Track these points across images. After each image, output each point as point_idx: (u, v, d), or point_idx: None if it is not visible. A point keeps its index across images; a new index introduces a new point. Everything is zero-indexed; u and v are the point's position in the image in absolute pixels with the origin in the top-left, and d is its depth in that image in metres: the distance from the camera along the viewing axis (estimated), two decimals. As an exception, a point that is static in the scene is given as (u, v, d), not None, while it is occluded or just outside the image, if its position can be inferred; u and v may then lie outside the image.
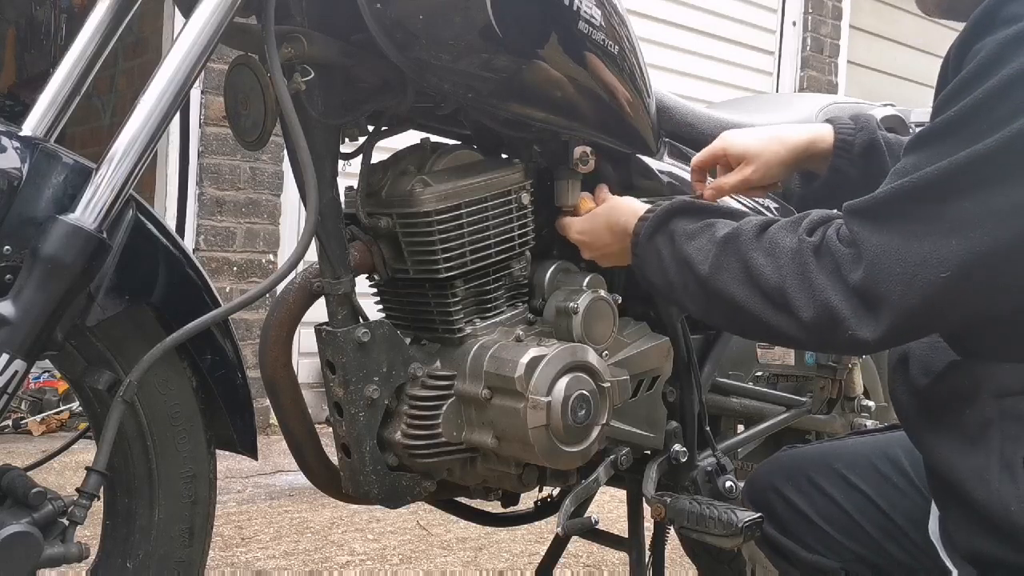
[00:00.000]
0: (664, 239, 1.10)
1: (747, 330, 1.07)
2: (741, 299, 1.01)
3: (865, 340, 0.92)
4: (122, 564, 1.15)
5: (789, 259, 0.98)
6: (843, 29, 5.89)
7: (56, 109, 1.20)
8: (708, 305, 1.06)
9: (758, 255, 1.00)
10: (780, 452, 1.33)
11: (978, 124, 0.86)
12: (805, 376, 1.71)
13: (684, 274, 1.07)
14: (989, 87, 0.85)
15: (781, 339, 1.02)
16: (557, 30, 1.15)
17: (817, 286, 0.94)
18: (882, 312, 0.90)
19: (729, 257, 1.03)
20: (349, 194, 1.23)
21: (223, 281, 3.66)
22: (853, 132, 1.28)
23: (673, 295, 1.10)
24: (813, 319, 0.95)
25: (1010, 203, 0.85)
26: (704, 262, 1.04)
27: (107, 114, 5.05)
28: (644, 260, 1.13)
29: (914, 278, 0.88)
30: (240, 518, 2.60)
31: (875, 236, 0.91)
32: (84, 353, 1.09)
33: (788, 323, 0.97)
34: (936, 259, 0.87)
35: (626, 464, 1.35)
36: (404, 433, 1.19)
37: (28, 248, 0.95)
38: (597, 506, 1.56)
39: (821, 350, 0.97)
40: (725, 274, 1.02)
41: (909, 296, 0.89)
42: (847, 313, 0.92)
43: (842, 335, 0.93)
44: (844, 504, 1.16)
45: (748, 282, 1.00)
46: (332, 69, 1.10)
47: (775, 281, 0.98)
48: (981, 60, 0.86)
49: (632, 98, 1.29)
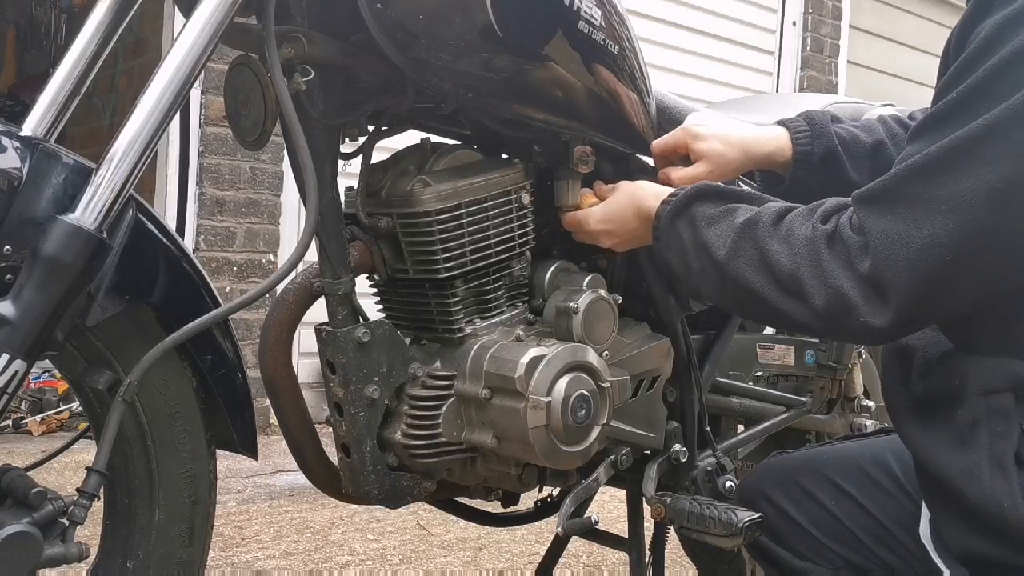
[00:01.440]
0: (685, 223, 1.11)
1: (760, 315, 1.09)
2: (756, 285, 1.02)
3: (877, 327, 0.93)
4: (122, 564, 1.15)
5: (803, 247, 0.99)
6: (843, 29, 5.89)
7: (56, 109, 1.19)
8: (723, 289, 1.07)
9: (774, 243, 1.02)
10: (770, 459, 1.33)
11: (978, 104, 0.86)
12: (805, 376, 1.70)
13: (702, 258, 1.08)
14: (989, 67, 0.86)
15: (794, 325, 1.03)
16: (557, 30, 1.15)
17: (829, 273, 0.96)
18: (891, 298, 0.91)
19: (746, 244, 1.04)
20: (349, 194, 1.22)
21: (223, 281, 3.66)
22: (810, 142, 1.29)
23: (690, 278, 1.11)
24: (825, 306, 0.96)
25: (1008, 180, 0.85)
26: (722, 247, 1.06)
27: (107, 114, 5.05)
28: (665, 243, 1.14)
29: (919, 263, 0.89)
30: (240, 518, 2.60)
31: (879, 223, 0.92)
32: (84, 353, 1.09)
33: (801, 310, 0.99)
34: (938, 243, 0.88)
35: (626, 464, 1.35)
36: (404, 433, 1.19)
37: (28, 248, 0.95)
38: (597, 506, 1.56)
39: (834, 337, 0.98)
40: (741, 260, 1.04)
41: (916, 281, 0.90)
42: (859, 300, 0.93)
43: (854, 322, 0.94)
44: (834, 510, 1.16)
45: (763, 269, 1.02)
46: (332, 69, 1.10)
47: (789, 268, 0.99)
48: (980, 42, 0.87)
49: (632, 98, 1.29)
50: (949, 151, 0.87)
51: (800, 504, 1.18)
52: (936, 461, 0.97)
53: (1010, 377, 0.93)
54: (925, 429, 1.00)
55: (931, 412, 1.00)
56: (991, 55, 0.86)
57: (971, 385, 0.95)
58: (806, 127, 1.31)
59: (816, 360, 1.69)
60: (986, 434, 0.93)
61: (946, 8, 6.32)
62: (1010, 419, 0.92)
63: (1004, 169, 0.85)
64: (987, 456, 0.92)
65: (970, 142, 0.86)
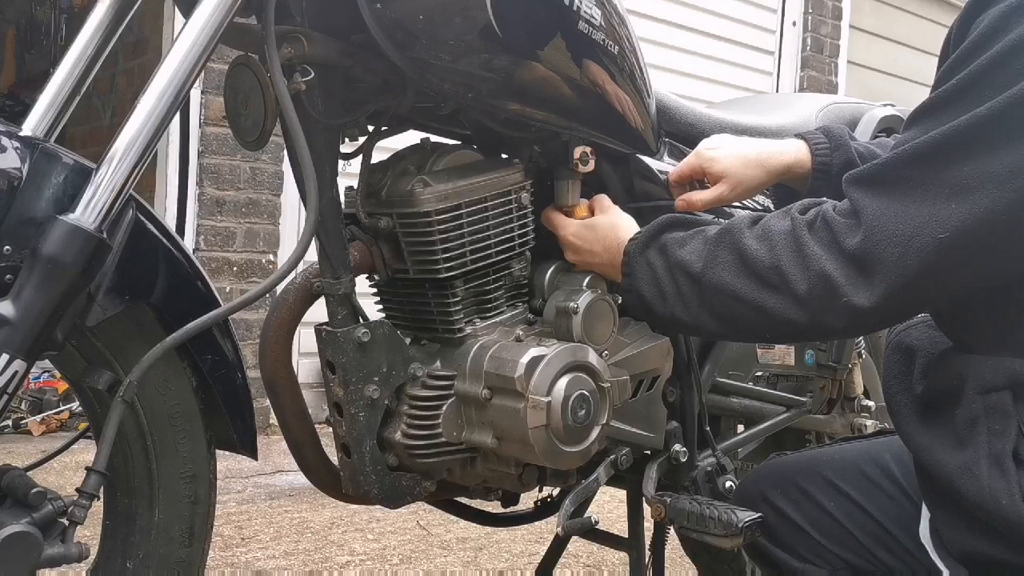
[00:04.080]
0: (656, 251, 1.11)
1: (741, 323, 1.05)
2: (736, 287, 1.01)
3: (861, 307, 0.92)
4: (122, 564, 1.15)
5: (783, 238, 0.99)
6: (843, 29, 5.89)
7: (56, 109, 1.19)
8: (700, 307, 1.06)
9: (751, 241, 1.01)
10: (768, 460, 1.33)
11: (980, 91, 0.86)
12: (805, 376, 1.70)
13: (677, 279, 1.07)
14: (991, 55, 0.86)
15: (777, 324, 1.00)
16: (557, 30, 1.15)
17: (811, 256, 0.95)
18: (878, 276, 0.91)
19: (722, 250, 1.03)
20: (349, 194, 1.22)
21: (223, 281, 3.66)
22: (830, 153, 1.29)
23: (665, 304, 1.10)
24: (808, 291, 0.95)
25: (1008, 167, 0.85)
26: (698, 261, 1.05)
27: (107, 114, 5.04)
28: (636, 275, 1.13)
29: (912, 239, 0.89)
30: (240, 518, 2.60)
31: (875, 201, 0.92)
32: (84, 353, 1.09)
33: (784, 302, 0.97)
34: (935, 221, 0.88)
35: (626, 464, 1.35)
36: (404, 433, 1.19)
37: (28, 248, 0.95)
38: (597, 506, 1.56)
39: (819, 327, 0.95)
40: (719, 267, 1.03)
41: (906, 258, 0.89)
42: (842, 280, 0.93)
43: (837, 303, 0.93)
44: (834, 511, 1.16)
45: (742, 269, 1.01)
46: (332, 69, 1.10)
47: (769, 261, 0.99)
48: (983, 30, 0.87)
49: (632, 98, 1.29)
50: (951, 136, 0.87)
51: (799, 505, 1.18)
52: (935, 460, 0.97)
53: (1008, 375, 0.93)
54: (925, 428, 1.00)
55: (931, 411, 1.00)
56: (994, 43, 0.86)
57: (969, 384, 0.95)
58: (825, 139, 1.30)
59: (816, 360, 1.69)
60: (984, 433, 0.93)
61: (946, 8, 6.32)
62: (1008, 417, 0.93)
63: (1006, 156, 0.85)
64: (986, 455, 0.92)
65: (973, 128, 0.86)
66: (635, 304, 1.14)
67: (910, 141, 0.91)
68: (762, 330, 1.04)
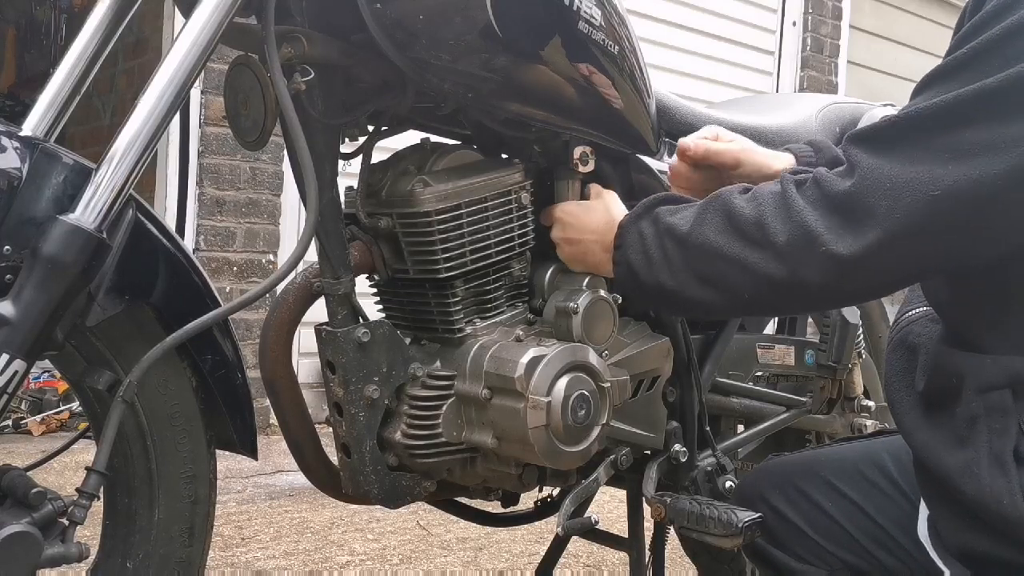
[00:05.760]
0: (648, 221, 1.11)
1: (723, 287, 1.03)
2: (719, 244, 1.01)
3: (840, 255, 0.92)
4: (122, 564, 1.15)
5: (770, 196, 0.99)
6: (843, 29, 5.89)
7: (56, 109, 1.19)
8: (685, 269, 1.05)
9: (739, 201, 1.02)
10: (767, 461, 1.33)
11: (989, 61, 0.87)
12: (805, 376, 1.70)
13: (664, 243, 1.07)
14: (1003, 27, 0.86)
15: (759, 281, 0.99)
16: (557, 30, 1.15)
17: (795, 209, 0.96)
18: (866, 226, 0.91)
19: (711, 212, 1.04)
20: (349, 194, 1.23)
21: (223, 281, 3.66)
22: (813, 155, 1.28)
23: (651, 270, 1.08)
24: (787, 242, 0.95)
25: (1010, 137, 0.85)
26: (685, 224, 1.06)
27: (107, 114, 5.04)
28: (626, 245, 1.12)
29: (903, 193, 0.89)
30: (240, 518, 2.60)
31: (872, 157, 0.92)
32: (84, 353, 1.09)
33: (764, 256, 0.97)
34: (929, 179, 0.88)
35: (626, 464, 1.35)
36: (404, 433, 1.19)
37: (28, 248, 0.95)
38: (597, 506, 1.56)
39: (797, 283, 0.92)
40: (706, 227, 1.03)
41: (895, 212, 0.89)
42: (822, 229, 0.93)
43: (816, 253, 0.93)
44: (831, 512, 1.16)
45: (727, 227, 1.01)
46: (332, 69, 1.10)
47: (754, 217, 0.99)
48: (997, 4, 0.88)
49: (632, 98, 1.29)
50: (957, 103, 0.87)
51: (797, 506, 1.18)
52: (935, 458, 0.97)
53: (1008, 374, 0.94)
54: (925, 426, 1.00)
55: (931, 409, 1.00)
56: (1007, 16, 0.86)
57: (969, 382, 0.95)
58: (809, 148, 1.30)
59: (816, 360, 1.69)
60: (985, 431, 0.93)
61: (946, 8, 6.33)
62: (1008, 416, 0.93)
63: (1011, 127, 0.85)
64: (986, 453, 0.93)
65: (979, 98, 0.86)
66: (623, 275, 1.13)
67: (918, 105, 0.91)
68: (743, 290, 1.01)
